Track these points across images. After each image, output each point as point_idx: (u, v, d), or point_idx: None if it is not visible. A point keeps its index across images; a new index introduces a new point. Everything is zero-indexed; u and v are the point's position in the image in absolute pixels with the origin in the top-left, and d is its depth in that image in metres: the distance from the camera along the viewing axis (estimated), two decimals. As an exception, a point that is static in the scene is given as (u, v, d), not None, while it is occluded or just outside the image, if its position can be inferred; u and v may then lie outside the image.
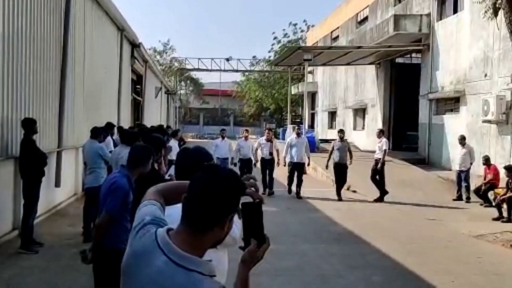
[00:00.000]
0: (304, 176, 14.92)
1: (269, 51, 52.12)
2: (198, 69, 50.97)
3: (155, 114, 29.99)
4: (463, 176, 14.87)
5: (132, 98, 22.08)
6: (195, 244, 1.66)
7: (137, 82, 24.11)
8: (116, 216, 4.17)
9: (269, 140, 15.20)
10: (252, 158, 14.98)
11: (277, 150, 15.29)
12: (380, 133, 15.25)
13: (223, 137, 15.85)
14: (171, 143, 13.22)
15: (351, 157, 14.69)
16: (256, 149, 15.11)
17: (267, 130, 16.10)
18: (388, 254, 8.57)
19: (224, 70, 50.13)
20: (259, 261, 1.82)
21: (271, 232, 1.83)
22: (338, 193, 14.50)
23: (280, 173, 15.83)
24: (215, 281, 1.63)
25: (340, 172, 14.62)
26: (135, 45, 20.83)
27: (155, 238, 1.67)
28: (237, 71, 50.89)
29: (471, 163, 14.85)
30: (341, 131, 15.46)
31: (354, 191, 15.46)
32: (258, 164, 15.16)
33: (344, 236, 10.02)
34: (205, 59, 49.51)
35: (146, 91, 25.38)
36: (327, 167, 15.17)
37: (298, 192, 14.60)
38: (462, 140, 15.36)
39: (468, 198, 14.61)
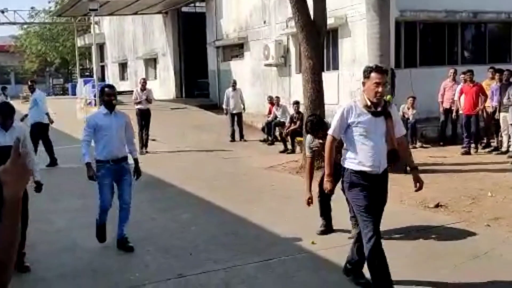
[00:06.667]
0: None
1: (49, 1, 48.45)
2: (-33, 23, 45.47)
3: None
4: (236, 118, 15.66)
5: None
6: None
7: None
8: None
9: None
10: None
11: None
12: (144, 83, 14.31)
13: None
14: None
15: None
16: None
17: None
18: (194, 193, 9.30)
19: (-1, 23, 45.49)
20: (25, 178, 1.57)
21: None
22: None
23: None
24: None
25: None
26: None
27: None
28: (14, 23, 46.54)
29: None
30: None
31: (154, 140, 15.84)
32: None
33: (152, 183, 10.42)
34: (-26, 11, 44.34)
35: None
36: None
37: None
38: (234, 84, 16.10)
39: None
